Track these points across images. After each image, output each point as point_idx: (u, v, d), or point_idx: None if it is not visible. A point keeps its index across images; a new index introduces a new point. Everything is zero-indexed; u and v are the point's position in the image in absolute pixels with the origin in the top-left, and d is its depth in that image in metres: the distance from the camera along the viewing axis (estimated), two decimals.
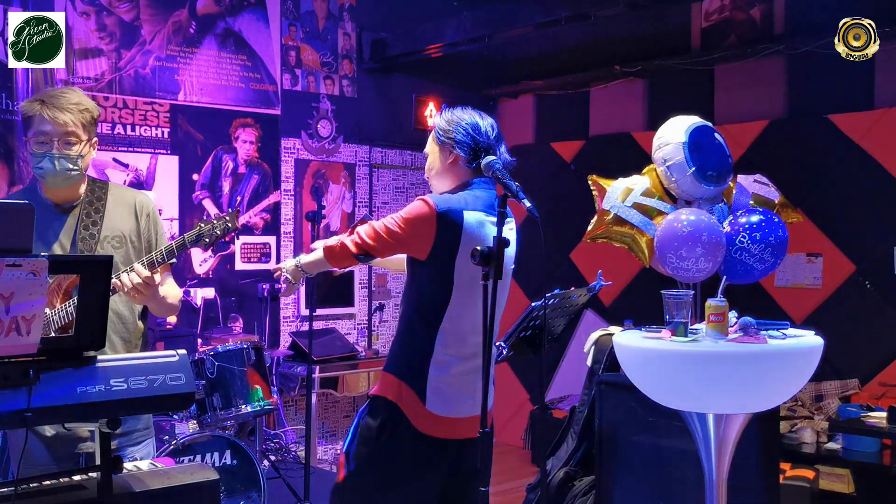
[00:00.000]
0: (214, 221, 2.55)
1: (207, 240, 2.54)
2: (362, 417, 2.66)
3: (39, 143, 2.42)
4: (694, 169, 3.24)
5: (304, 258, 2.77)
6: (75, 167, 2.46)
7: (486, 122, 2.68)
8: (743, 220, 3.30)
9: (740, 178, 3.58)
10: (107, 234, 2.55)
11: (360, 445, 2.62)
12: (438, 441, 2.58)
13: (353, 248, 2.61)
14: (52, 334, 2.30)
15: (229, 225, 2.57)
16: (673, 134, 3.34)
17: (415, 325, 2.61)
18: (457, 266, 2.55)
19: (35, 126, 2.42)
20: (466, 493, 2.65)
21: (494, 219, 2.33)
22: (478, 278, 2.28)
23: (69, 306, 2.38)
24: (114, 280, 2.40)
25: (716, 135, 3.41)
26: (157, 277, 2.50)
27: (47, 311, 2.38)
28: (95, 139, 2.55)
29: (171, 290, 2.69)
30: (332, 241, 2.71)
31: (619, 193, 3.37)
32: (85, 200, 2.56)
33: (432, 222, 2.52)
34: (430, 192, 2.75)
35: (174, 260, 2.55)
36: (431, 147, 2.75)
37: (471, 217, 2.55)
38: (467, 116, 2.69)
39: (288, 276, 2.77)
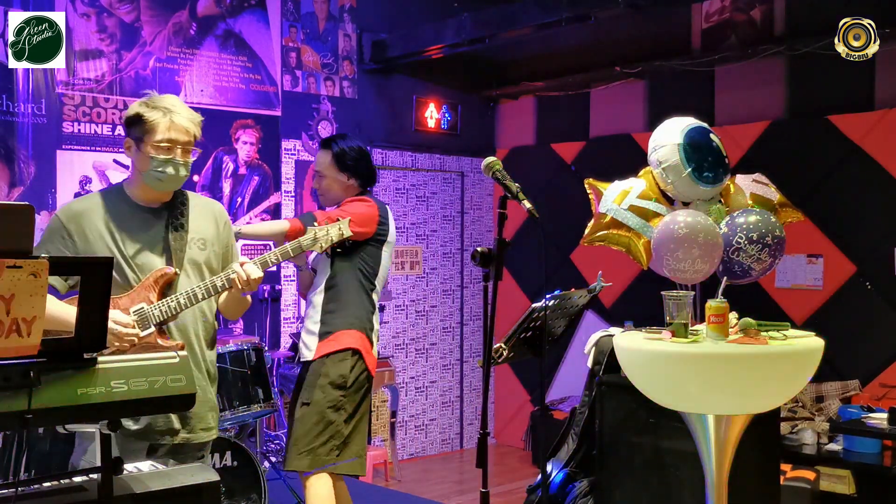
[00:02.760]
0: (329, 227, 2.79)
1: (323, 244, 2.79)
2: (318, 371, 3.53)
3: (164, 149, 2.55)
4: (690, 170, 3.23)
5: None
6: (188, 174, 2.62)
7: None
8: (740, 220, 3.29)
9: (739, 177, 3.57)
10: (193, 237, 2.68)
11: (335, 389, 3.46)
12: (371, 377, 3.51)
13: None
14: (152, 328, 2.51)
15: (343, 232, 2.84)
16: (668, 135, 3.34)
17: (365, 288, 3.51)
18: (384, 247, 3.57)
19: (160, 133, 2.55)
20: None
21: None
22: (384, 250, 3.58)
23: (172, 301, 2.54)
24: (232, 274, 2.58)
25: (712, 135, 3.40)
26: None
27: (144, 306, 2.52)
28: None
29: None
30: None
31: (616, 196, 3.36)
32: (170, 203, 2.67)
33: (376, 215, 3.49)
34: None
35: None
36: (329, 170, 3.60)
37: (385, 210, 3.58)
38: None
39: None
